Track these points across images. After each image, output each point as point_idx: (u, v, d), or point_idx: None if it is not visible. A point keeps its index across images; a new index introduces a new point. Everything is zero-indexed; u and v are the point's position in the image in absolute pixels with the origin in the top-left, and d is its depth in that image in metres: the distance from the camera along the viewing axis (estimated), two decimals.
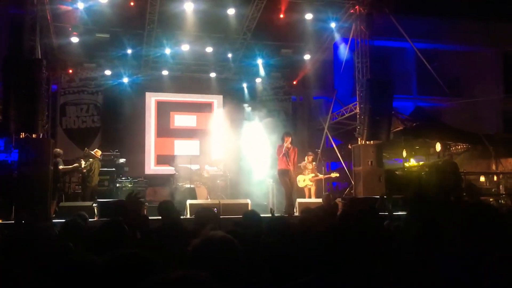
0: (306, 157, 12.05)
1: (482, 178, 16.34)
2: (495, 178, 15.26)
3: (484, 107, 20.37)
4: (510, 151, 16.04)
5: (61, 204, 9.66)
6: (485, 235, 2.47)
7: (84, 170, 11.10)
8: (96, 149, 11.80)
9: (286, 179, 9.99)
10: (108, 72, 14.24)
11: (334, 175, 12.68)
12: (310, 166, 11.91)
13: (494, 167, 15.09)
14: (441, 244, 2.43)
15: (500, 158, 15.55)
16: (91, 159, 11.27)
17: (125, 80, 14.33)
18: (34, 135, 9.69)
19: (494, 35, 21.05)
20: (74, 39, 12.75)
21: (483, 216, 2.62)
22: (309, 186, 11.76)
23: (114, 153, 12.86)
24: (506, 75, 22.27)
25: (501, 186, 14.67)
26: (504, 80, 22.15)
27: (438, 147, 15.16)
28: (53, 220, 7.25)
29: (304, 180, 11.80)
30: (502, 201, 13.72)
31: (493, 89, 21.19)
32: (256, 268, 2.40)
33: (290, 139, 10.04)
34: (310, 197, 11.53)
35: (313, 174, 11.83)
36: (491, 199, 13.20)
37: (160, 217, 5.20)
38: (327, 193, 9.01)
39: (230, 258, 1.86)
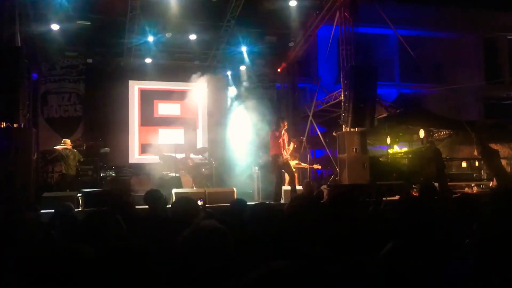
0: (291, 143, 12.05)
1: (464, 164, 16.61)
2: (476, 163, 15.51)
3: (466, 93, 20.65)
4: (491, 136, 16.30)
5: (45, 194, 9.52)
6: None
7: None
8: (65, 140, 11.71)
9: (278, 165, 9.92)
10: (90, 60, 14.01)
11: (317, 167, 12.74)
12: (293, 153, 11.89)
13: (476, 153, 15.32)
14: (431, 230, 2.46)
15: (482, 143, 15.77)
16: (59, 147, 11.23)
17: (108, 68, 14.12)
18: (15, 125, 9.52)
19: (476, 22, 21.28)
20: (55, 27, 12.49)
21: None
22: None
23: (98, 142, 12.73)
24: (487, 62, 22.58)
25: (482, 171, 14.91)
26: (486, 67, 22.47)
27: (421, 133, 15.34)
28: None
29: None
30: (483, 186, 13.96)
31: (475, 76, 21.49)
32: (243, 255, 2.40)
33: (286, 124, 10.01)
34: None
35: (297, 161, 11.86)
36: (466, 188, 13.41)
37: (147, 206, 5.17)
38: (307, 180, 8.94)
39: (221, 248, 1.85)
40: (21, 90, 9.40)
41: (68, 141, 11.65)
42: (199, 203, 8.22)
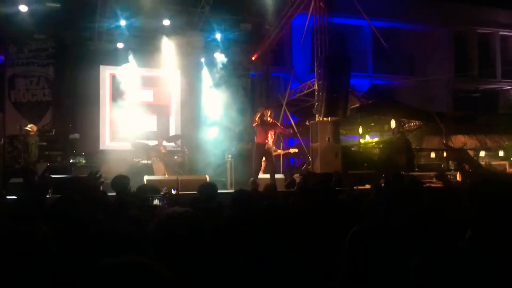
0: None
1: (432, 154, 16.98)
2: (444, 154, 15.87)
3: (436, 85, 21.06)
4: (459, 128, 16.71)
5: (12, 180, 9.28)
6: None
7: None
8: (32, 125, 11.47)
9: (260, 153, 9.93)
10: (59, 44, 13.63)
11: (293, 150, 12.80)
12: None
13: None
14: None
15: (450, 135, 16.18)
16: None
17: (78, 52, 13.76)
18: None
19: (446, 15, 21.65)
20: (23, 8, 12.09)
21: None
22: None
23: (67, 128, 12.46)
24: (457, 55, 23.04)
25: (450, 162, 15.27)
26: (455, 59, 22.93)
27: (392, 124, 15.59)
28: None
29: None
30: (450, 177, 14.29)
31: (445, 68, 21.91)
32: (220, 242, 2.39)
33: (269, 112, 9.99)
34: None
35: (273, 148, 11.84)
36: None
37: (114, 193, 5.09)
38: (252, 179, 8.82)
39: (196, 233, 1.83)
40: None
41: (35, 127, 11.42)
42: (173, 192, 8.14)
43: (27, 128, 11.40)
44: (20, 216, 2.98)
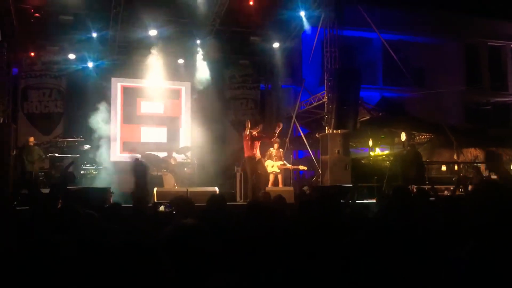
0: (274, 143, 11.96)
1: (443, 168, 16.83)
2: (456, 167, 15.73)
3: (447, 98, 20.92)
4: (471, 141, 16.55)
5: (23, 191, 9.37)
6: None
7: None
8: (31, 137, 11.90)
9: (251, 167, 10.00)
10: (72, 56, 13.79)
11: (302, 168, 12.72)
12: (278, 153, 11.83)
13: (455, 157, 15.54)
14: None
15: (462, 148, 16.03)
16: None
17: (90, 64, 13.91)
18: None
19: (457, 28, 21.59)
20: (37, 21, 12.29)
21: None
22: (276, 173, 11.71)
23: (79, 139, 12.58)
24: (468, 67, 22.92)
25: (461, 175, 15.12)
26: (466, 72, 22.80)
27: (403, 136, 15.50)
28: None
29: (272, 166, 11.76)
30: (461, 190, 14.14)
31: (455, 80, 21.78)
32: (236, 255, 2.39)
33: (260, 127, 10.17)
34: (277, 184, 11.56)
35: (281, 162, 11.81)
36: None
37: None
38: (263, 191, 8.78)
39: (202, 245, 1.84)
40: (0, 84, 9.23)
41: (32, 138, 11.88)
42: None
43: (30, 140, 11.66)
44: (33, 227, 3.02)
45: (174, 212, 5.68)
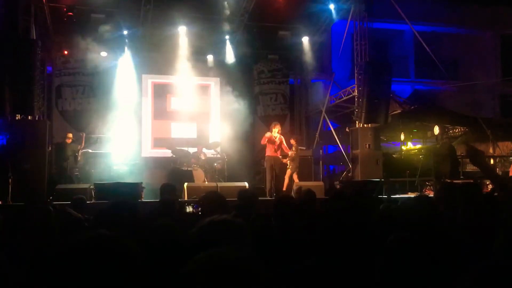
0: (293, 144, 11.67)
1: None
2: (492, 161, 15.28)
3: (482, 90, 20.35)
4: (507, 134, 16.07)
5: (58, 186, 9.60)
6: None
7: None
8: (69, 133, 12.25)
9: (269, 166, 10.86)
10: (104, 54, 14.02)
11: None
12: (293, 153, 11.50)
13: (491, 151, 15.11)
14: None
15: (498, 141, 15.57)
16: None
17: (121, 61, 14.14)
18: (30, 117, 9.60)
19: (492, 18, 20.94)
20: (69, 20, 12.53)
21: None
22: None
23: (110, 135, 12.79)
24: (503, 59, 22.21)
25: (497, 169, 14.70)
26: (502, 63, 22.10)
27: (436, 130, 15.16)
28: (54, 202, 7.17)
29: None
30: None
31: (491, 72, 21.17)
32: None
33: (277, 130, 10.98)
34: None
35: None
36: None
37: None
38: (298, 186, 8.71)
39: (239, 240, 1.82)
40: (36, 82, 9.46)
41: (70, 134, 12.18)
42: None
43: (68, 136, 11.94)
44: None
45: (200, 213, 5.71)
